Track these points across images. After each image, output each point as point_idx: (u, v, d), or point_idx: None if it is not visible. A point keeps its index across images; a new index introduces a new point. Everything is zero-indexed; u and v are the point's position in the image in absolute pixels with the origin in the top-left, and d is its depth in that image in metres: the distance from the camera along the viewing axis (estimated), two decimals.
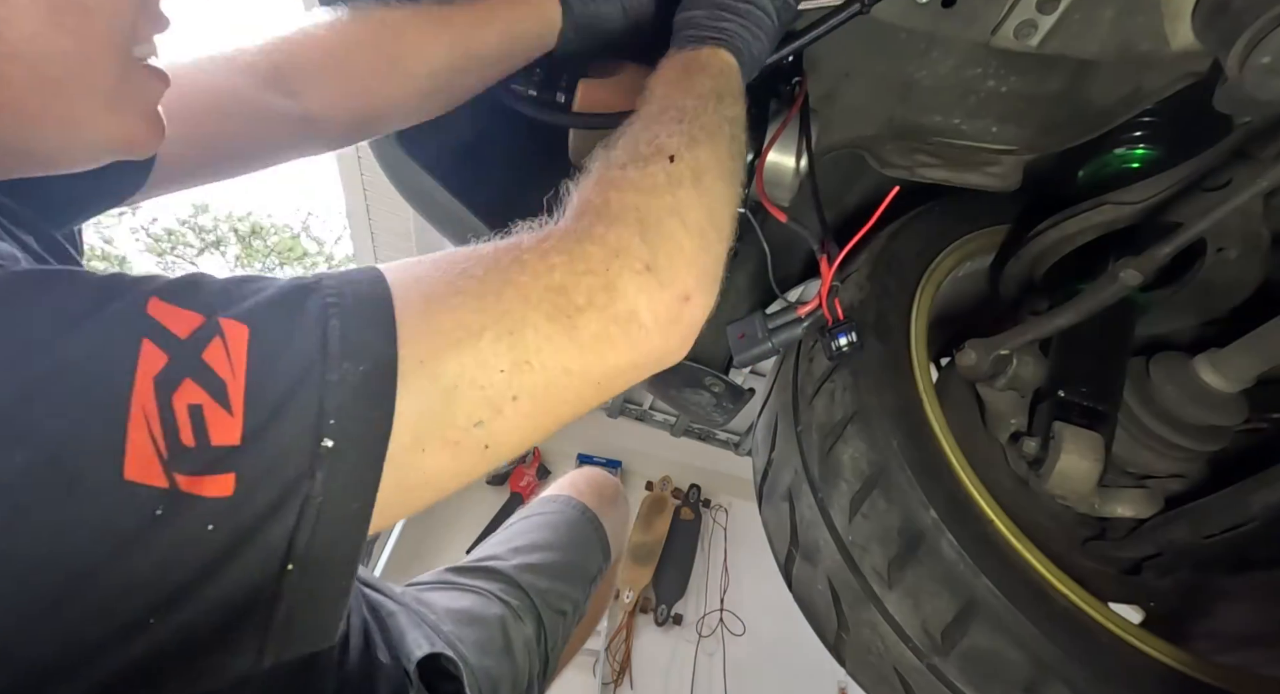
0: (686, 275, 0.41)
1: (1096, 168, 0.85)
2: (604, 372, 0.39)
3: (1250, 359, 0.73)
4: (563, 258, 0.38)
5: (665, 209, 0.42)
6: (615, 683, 2.95)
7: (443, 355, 0.33)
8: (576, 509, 1.13)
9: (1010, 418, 0.82)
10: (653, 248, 0.40)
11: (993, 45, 0.68)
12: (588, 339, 0.37)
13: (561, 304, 0.37)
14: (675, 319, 0.41)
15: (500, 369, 0.35)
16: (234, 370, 0.29)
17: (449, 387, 0.33)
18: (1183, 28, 0.63)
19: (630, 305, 0.39)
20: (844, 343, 0.71)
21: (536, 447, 3.39)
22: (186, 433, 0.28)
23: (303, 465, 0.29)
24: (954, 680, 0.66)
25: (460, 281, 0.36)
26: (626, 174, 0.43)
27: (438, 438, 0.33)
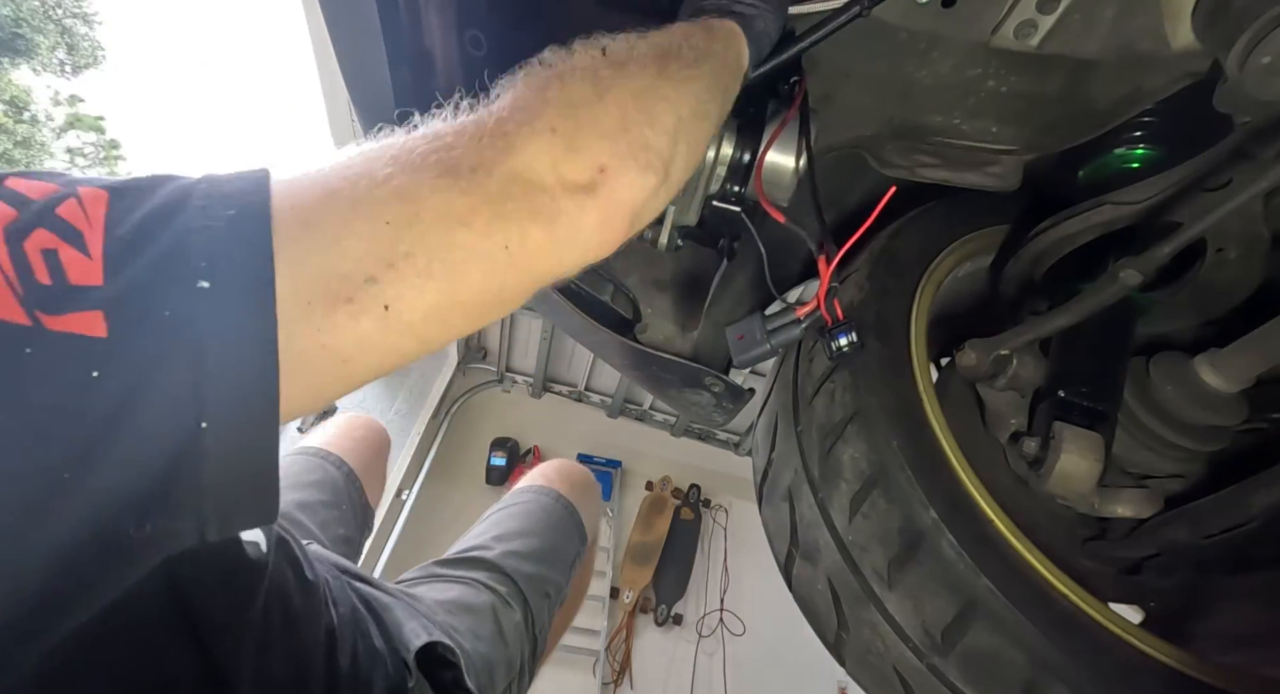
0: (600, 145, 0.38)
1: (1096, 168, 0.85)
2: (509, 237, 0.35)
3: (1250, 359, 0.73)
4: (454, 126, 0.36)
5: (583, 82, 0.39)
6: (615, 683, 2.95)
7: (320, 203, 0.31)
8: (550, 496, 1.16)
9: (1010, 418, 0.82)
10: (559, 111, 0.37)
11: (993, 45, 0.68)
12: (484, 195, 0.34)
13: (451, 162, 0.34)
14: (589, 188, 0.37)
15: (385, 220, 0.32)
16: (90, 222, 0.28)
17: (328, 234, 0.31)
18: (1183, 28, 0.63)
19: (528, 160, 0.36)
20: (844, 343, 0.71)
21: (536, 446, 3.39)
22: (41, 273, 0.26)
23: (179, 307, 0.27)
24: (954, 680, 0.66)
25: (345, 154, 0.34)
26: (547, 59, 0.41)
27: (324, 291, 0.30)
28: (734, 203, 0.73)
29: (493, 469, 3.24)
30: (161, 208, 0.29)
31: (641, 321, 0.97)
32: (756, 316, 0.73)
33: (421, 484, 3.05)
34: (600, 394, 3.54)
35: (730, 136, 0.70)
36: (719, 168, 0.71)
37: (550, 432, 3.45)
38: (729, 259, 0.78)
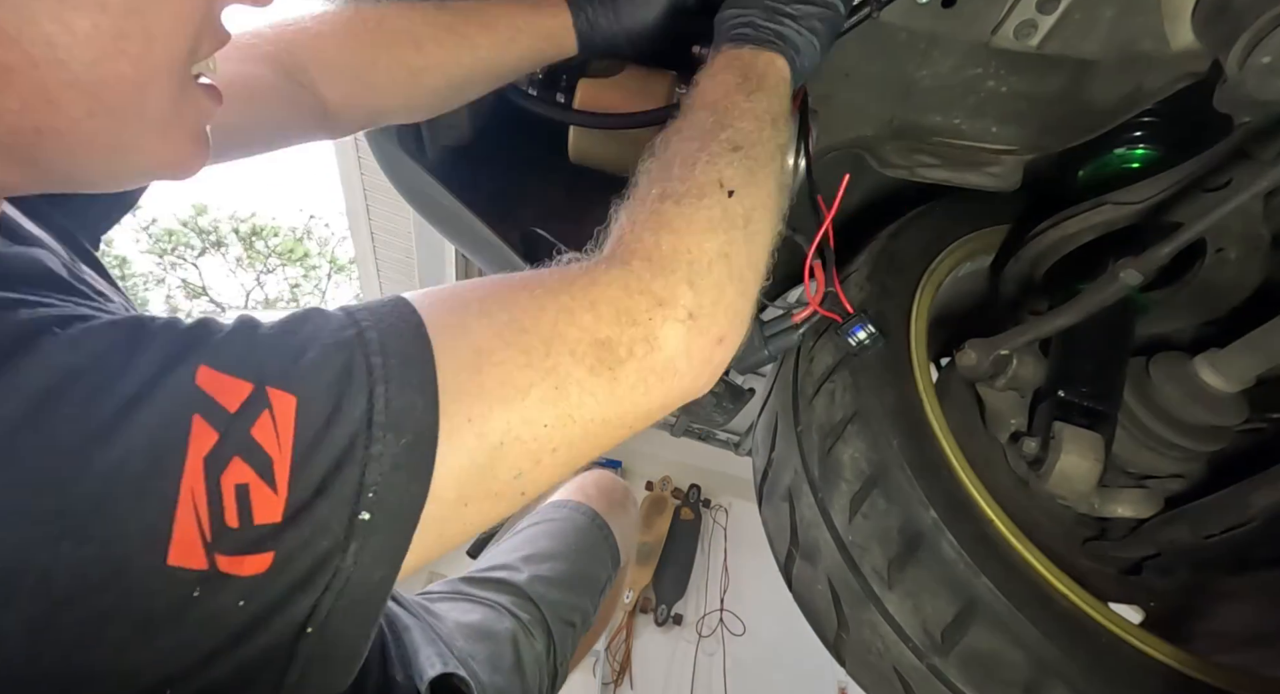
0: (724, 320, 0.41)
1: (1096, 168, 0.85)
2: (636, 416, 0.40)
3: (1250, 359, 0.73)
4: (609, 309, 0.38)
5: (715, 252, 0.41)
6: (615, 683, 2.95)
7: (490, 414, 0.34)
8: (586, 515, 1.12)
9: (1010, 418, 0.82)
10: (698, 295, 0.40)
11: (993, 45, 0.68)
12: (625, 389, 0.38)
13: (605, 358, 0.37)
14: (708, 361, 0.41)
15: (544, 424, 0.35)
16: (280, 447, 0.29)
17: (495, 444, 0.34)
18: (1183, 28, 0.63)
19: (669, 354, 0.39)
20: (863, 337, 0.70)
21: None
22: (231, 514, 0.28)
23: (338, 539, 0.30)
24: (954, 680, 0.66)
25: (508, 334, 0.35)
26: (681, 211, 0.42)
27: (482, 492, 0.34)
28: None
29: None
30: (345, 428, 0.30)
31: None
32: (754, 322, 0.73)
33: None
34: None
35: None
36: None
37: None
38: None
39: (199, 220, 8.89)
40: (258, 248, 9.13)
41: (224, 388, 0.29)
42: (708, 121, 0.47)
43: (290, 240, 9.24)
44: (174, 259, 8.82)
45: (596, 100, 0.72)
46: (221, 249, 9.04)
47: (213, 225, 8.97)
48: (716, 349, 0.42)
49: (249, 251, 9.07)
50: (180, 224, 8.85)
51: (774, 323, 0.73)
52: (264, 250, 9.13)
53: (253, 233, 9.12)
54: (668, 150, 0.47)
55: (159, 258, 8.72)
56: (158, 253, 8.69)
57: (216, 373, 0.29)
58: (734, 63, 0.52)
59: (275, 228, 9.22)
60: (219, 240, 9.03)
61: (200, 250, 8.93)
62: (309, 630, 0.30)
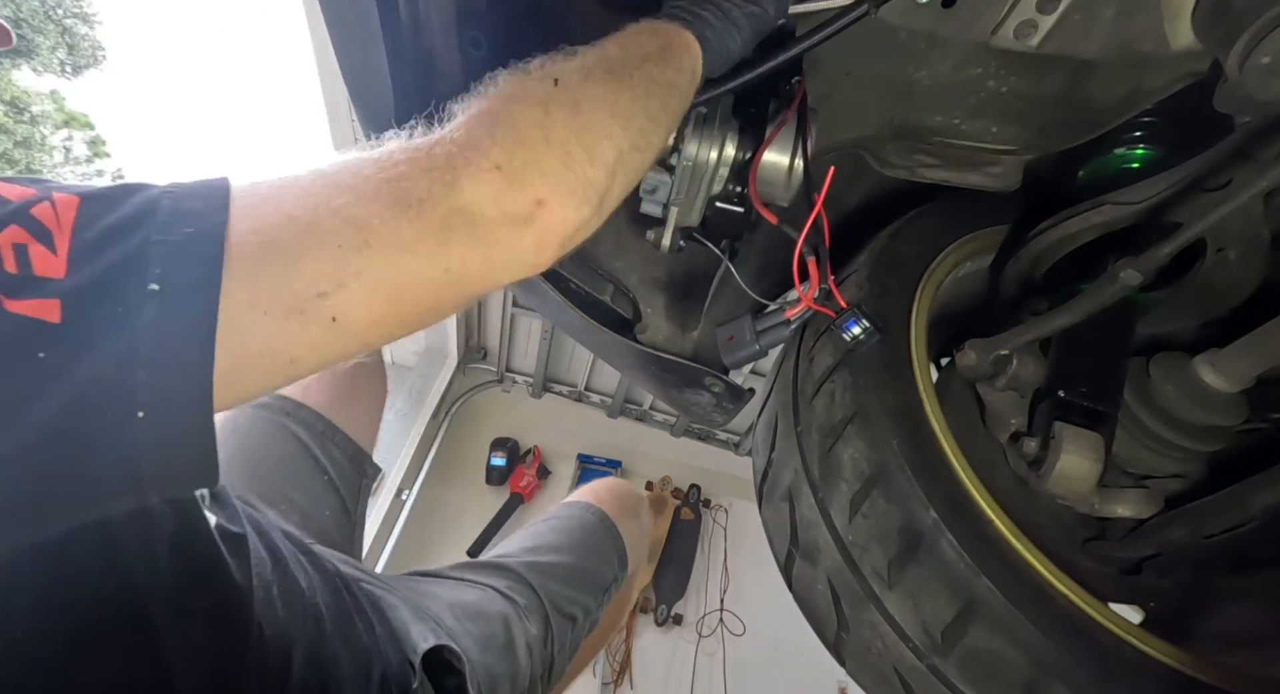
0: (540, 181, 0.41)
1: (1096, 168, 0.85)
2: (450, 260, 0.39)
3: (1250, 359, 0.73)
4: (408, 154, 0.39)
5: (529, 121, 0.42)
6: (615, 683, 2.95)
7: (279, 227, 0.35)
8: (594, 515, 1.12)
9: (1010, 418, 0.82)
10: (505, 150, 0.41)
11: (993, 45, 0.68)
12: (428, 226, 0.38)
13: (399, 193, 0.38)
14: (526, 219, 0.41)
15: (338, 244, 0.36)
16: (60, 224, 0.31)
17: (285, 254, 0.34)
18: (1183, 28, 0.63)
19: (471, 197, 0.39)
20: (858, 332, 0.70)
21: (536, 446, 3.39)
22: (10, 262, 0.29)
23: (129, 304, 0.30)
24: (954, 680, 0.66)
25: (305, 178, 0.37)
26: (502, 88, 0.44)
27: (278, 303, 0.34)
28: (736, 203, 0.73)
29: (493, 469, 3.23)
30: (127, 218, 0.32)
31: (641, 322, 0.97)
32: (747, 317, 0.73)
33: (421, 484, 3.05)
34: (600, 394, 3.54)
35: (733, 137, 0.70)
36: (721, 168, 0.71)
37: (550, 432, 3.45)
38: (731, 259, 0.78)
39: None
40: None
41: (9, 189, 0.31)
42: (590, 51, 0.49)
43: None
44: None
45: None
46: None
47: None
48: (537, 210, 0.41)
49: None
50: None
51: (766, 317, 0.73)
52: None
53: None
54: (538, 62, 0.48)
55: None
56: None
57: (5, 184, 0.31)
58: (647, 26, 0.55)
59: None
60: None
61: None
62: (140, 414, 0.30)
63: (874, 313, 0.70)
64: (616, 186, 0.47)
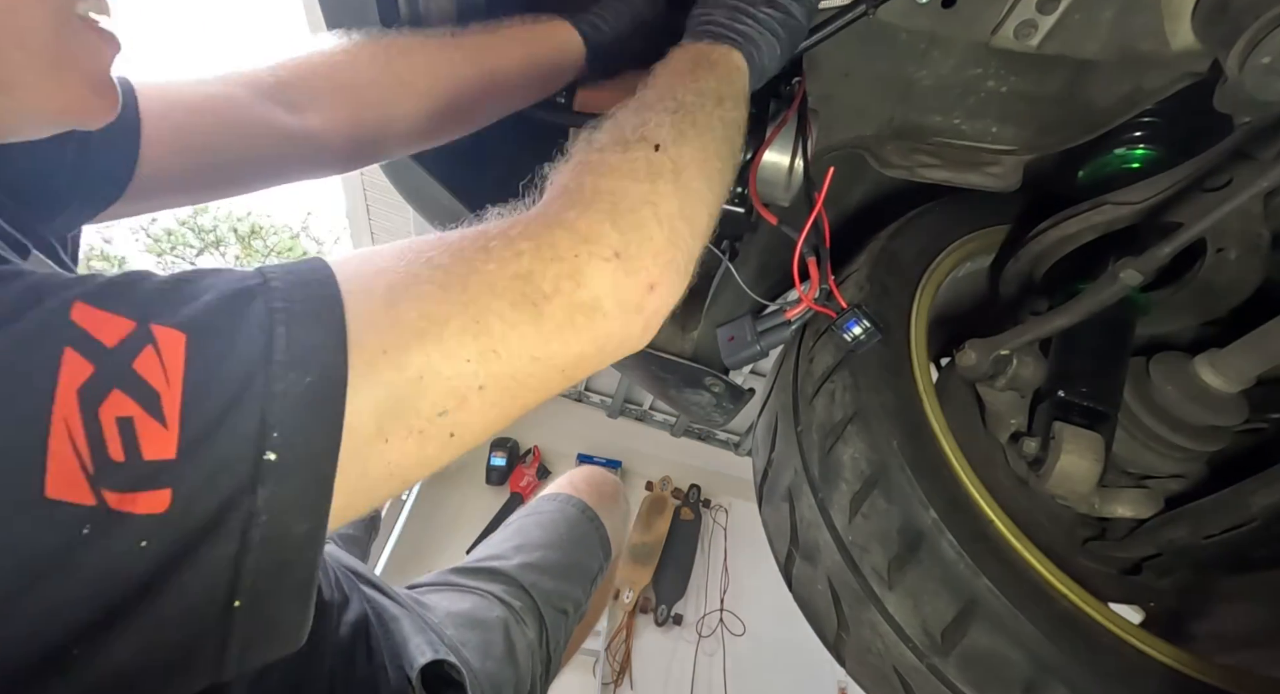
0: (653, 265, 0.41)
1: (1096, 168, 0.85)
2: (568, 359, 0.38)
3: (1250, 359, 0.73)
4: (530, 244, 0.37)
5: (640, 197, 0.41)
6: (615, 683, 2.95)
7: (408, 345, 0.32)
8: (576, 507, 1.13)
9: (1010, 418, 0.82)
10: (623, 235, 0.39)
11: (993, 45, 0.68)
12: (553, 327, 0.37)
13: (527, 292, 0.36)
14: (639, 307, 0.40)
15: (466, 359, 0.34)
16: (169, 380, 0.27)
17: (414, 377, 0.32)
18: (1183, 28, 0.63)
19: (595, 293, 0.38)
20: (858, 332, 0.70)
21: (536, 446, 3.39)
22: (115, 447, 0.25)
23: (243, 480, 0.27)
24: (954, 680, 0.66)
25: (424, 270, 0.34)
26: (605, 158, 0.43)
27: (402, 428, 0.32)
28: (736, 204, 0.73)
29: (493, 469, 3.24)
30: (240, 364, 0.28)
31: None
32: (747, 318, 0.73)
33: (421, 484, 3.05)
34: (600, 394, 3.55)
35: None
36: None
37: (550, 432, 3.45)
38: (731, 259, 0.78)
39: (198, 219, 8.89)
40: (255, 247, 9.13)
41: (102, 323, 0.27)
42: (651, 96, 0.48)
43: (288, 239, 9.24)
44: (173, 258, 8.81)
45: (596, 102, 0.72)
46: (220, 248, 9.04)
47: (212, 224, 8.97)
48: (648, 296, 0.40)
49: (247, 251, 9.07)
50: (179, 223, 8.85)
51: (767, 318, 0.73)
52: (262, 250, 9.13)
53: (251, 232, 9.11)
54: (609, 119, 0.47)
55: (157, 257, 8.71)
56: (156, 252, 8.69)
57: (94, 309, 0.27)
58: (687, 52, 0.53)
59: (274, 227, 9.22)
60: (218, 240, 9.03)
61: (199, 250, 8.93)
62: (237, 603, 0.28)
63: (875, 313, 0.70)
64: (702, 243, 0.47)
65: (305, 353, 0.30)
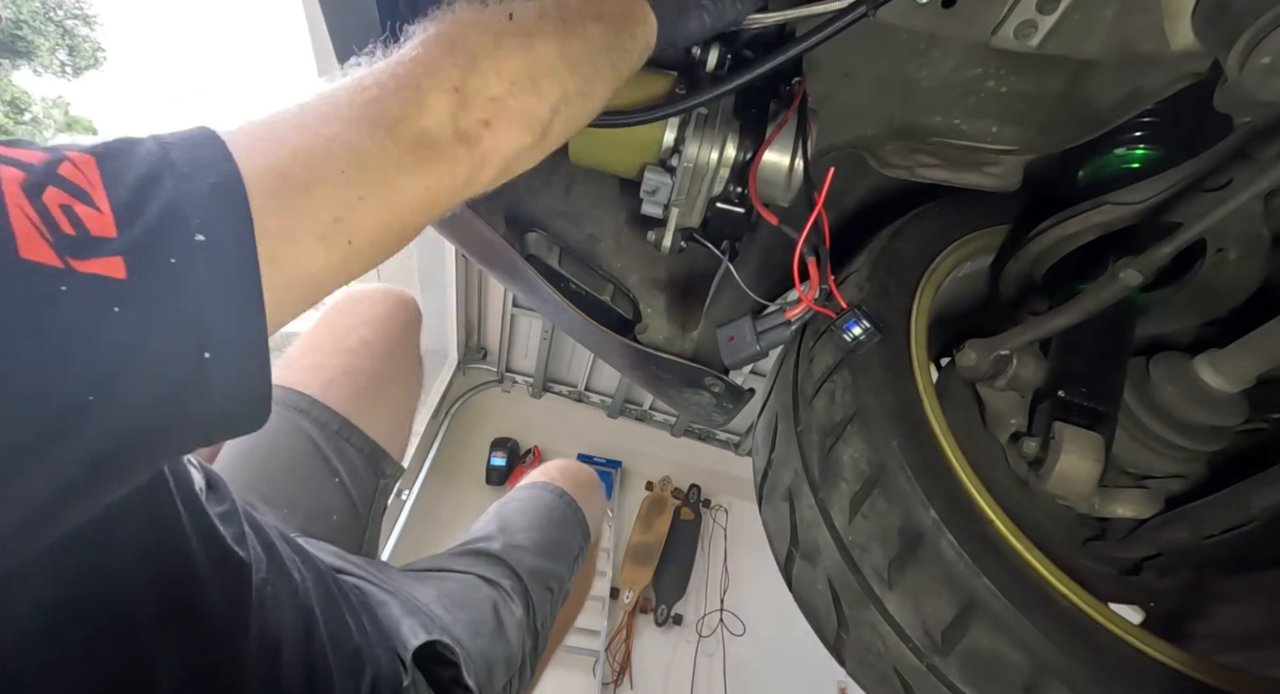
0: (489, 106, 0.46)
1: (1096, 168, 0.85)
2: (427, 180, 0.43)
3: (1250, 359, 0.73)
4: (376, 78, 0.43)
5: (484, 49, 0.46)
6: (615, 683, 2.95)
7: (289, 162, 0.37)
8: (554, 492, 1.17)
9: (1010, 418, 0.82)
10: (462, 73, 0.45)
11: (993, 46, 0.68)
12: (405, 145, 0.42)
13: (378, 116, 0.41)
14: (473, 139, 0.45)
15: (341, 170, 0.39)
16: (91, 183, 0.31)
17: (302, 186, 0.37)
18: (1183, 28, 0.63)
19: (435, 116, 0.43)
20: (858, 332, 0.70)
21: (536, 446, 3.39)
22: (65, 224, 0.30)
23: (182, 256, 0.32)
24: (954, 680, 0.66)
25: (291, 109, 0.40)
26: (460, 14, 0.48)
27: (304, 231, 0.37)
28: (737, 204, 0.73)
29: (493, 469, 3.24)
30: (147, 173, 0.33)
31: (641, 322, 0.97)
32: (747, 318, 0.73)
33: (421, 484, 3.05)
34: (600, 394, 3.55)
35: (733, 138, 0.70)
36: (722, 169, 0.71)
37: (550, 432, 3.45)
38: (731, 259, 0.79)
39: None
40: None
41: (22, 153, 0.31)
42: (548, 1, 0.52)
43: None
44: None
45: None
46: None
47: None
48: (483, 132, 0.45)
49: None
50: None
51: (767, 318, 0.73)
52: None
53: None
54: None
55: None
56: None
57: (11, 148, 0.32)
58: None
59: None
60: None
61: None
62: (207, 355, 0.32)
63: (874, 313, 0.70)
64: (559, 124, 0.51)
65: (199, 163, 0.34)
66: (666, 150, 0.73)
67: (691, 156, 0.70)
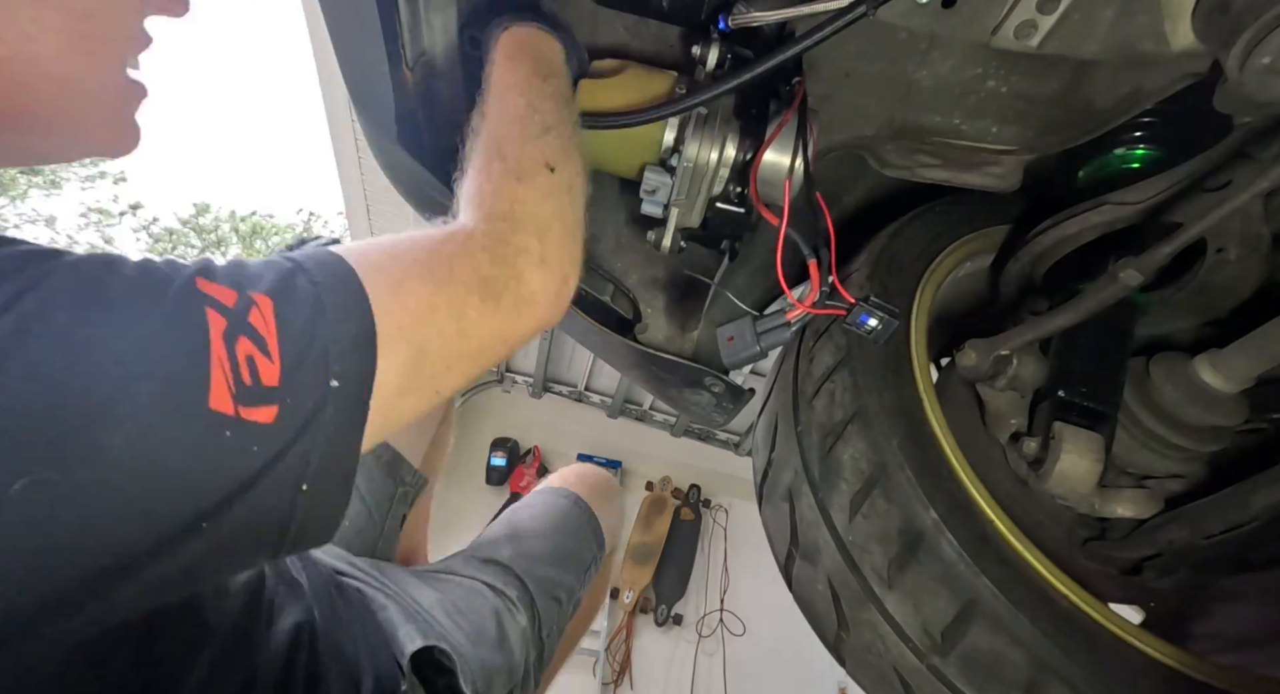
0: (566, 263, 0.56)
1: (1096, 168, 0.85)
2: (513, 336, 0.52)
3: (1250, 359, 0.73)
4: (487, 255, 0.51)
5: (551, 215, 0.56)
6: (615, 683, 2.95)
7: (414, 325, 0.45)
8: (569, 499, 1.14)
9: (1010, 418, 0.82)
10: (544, 246, 0.54)
11: (993, 46, 0.68)
12: (505, 314, 0.51)
13: (489, 289, 0.50)
14: (560, 295, 0.55)
15: (451, 336, 0.47)
16: (269, 331, 0.38)
17: (419, 348, 0.45)
18: (1183, 28, 0.63)
19: (533, 288, 0.53)
20: (874, 323, 0.69)
21: (536, 446, 3.39)
22: (245, 375, 0.36)
23: (318, 401, 0.39)
24: (954, 680, 0.66)
25: (416, 269, 0.47)
26: (523, 185, 0.56)
27: (413, 387, 0.45)
28: (736, 204, 0.73)
29: (493, 469, 3.24)
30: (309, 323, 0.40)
31: (642, 322, 0.97)
32: (748, 318, 0.72)
33: None
34: (600, 394, 3.55)
35: (733, 138, 0.70)
36: (722, 169, 0.71)
37: (550, 432, 3.46)
38: (731, 259, 0.78)
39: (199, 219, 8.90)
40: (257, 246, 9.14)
41: (219, 292, 0.38)
42: (516, 103, 0.61)
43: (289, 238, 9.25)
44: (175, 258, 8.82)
45: (596, 100, 0.72)
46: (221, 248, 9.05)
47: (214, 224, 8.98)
48: (564, 286, 0.56)
49: (248, 250, 9.08)
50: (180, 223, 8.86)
51: (767, 319, 0.73)
52: (264, 249, 9.14)
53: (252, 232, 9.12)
54: (494, 130, 0.59)
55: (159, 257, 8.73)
56: (158, 252, 8.70)
57: (208, 281, 0.38)
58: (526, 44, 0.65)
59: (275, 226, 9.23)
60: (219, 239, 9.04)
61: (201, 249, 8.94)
62: (304, 487, 0.38)
63: (885, 302, 0.69)
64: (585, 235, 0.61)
65: (346, 312, 0.41)
66: (666, 150, 0.73)
67: (691, 156, 0.70)
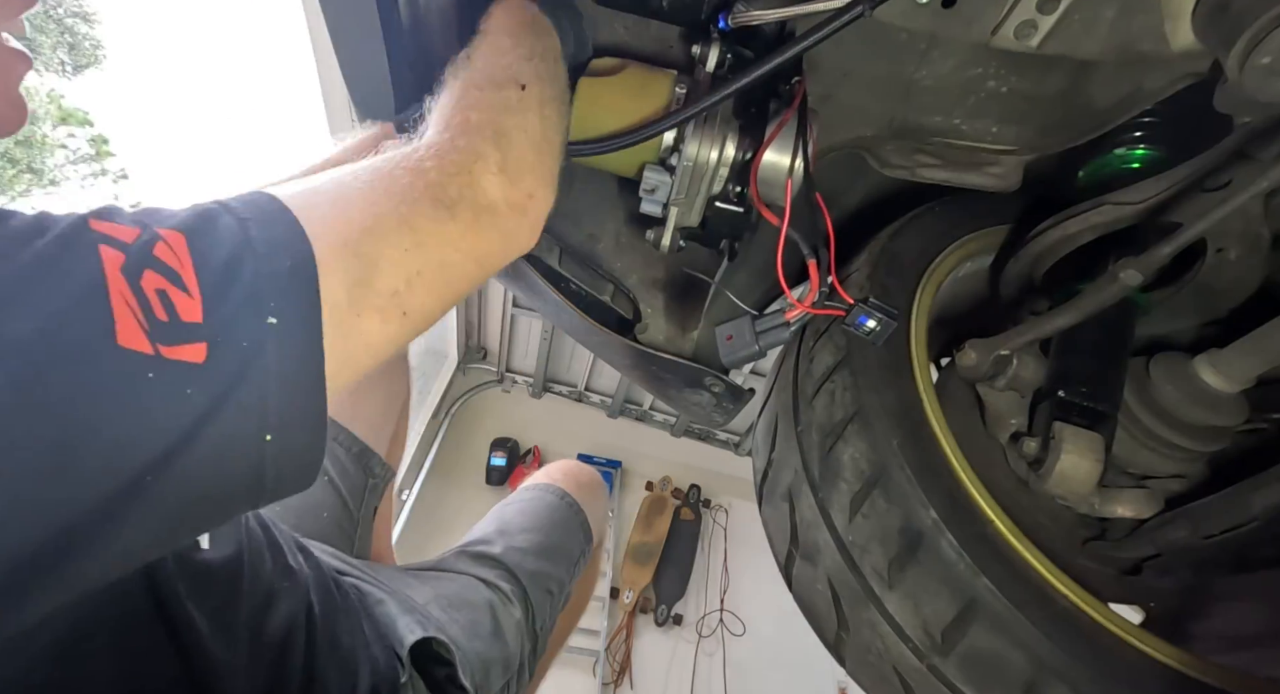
0: (529, 177, 0.52)
1: (1096, 168, 0.85)
2: (480, 251, 0.48)
3: (1250, 359, 0.73)
4: (434, 162, 0.47)
5: (514, 126, 0.52)
6: (615, 683, 2.95)
7: (360, 238, 0.41)
8: (555, 494, 1.17)
9: (1010, 418, 0.82)
10: (503, 154, 0.50)
11: (993, 46, 0.68)
12: (464, 223, 0.46)
13: (440, 197, 0.45)
14: (524, 210, 0.51)
15: (404, 248, 0.42)
16: (182, 264, 0.34)
17: (370, 262, 0.40)
18: (1183, 28, 0.63)
19: (491, 198, 0.49)
20: (873, 324, 0.69)
21: (536, 446, 3.39)
22: (159, 310, 0.32)
23: (255, 338, 0.35)
24: (954, 680, 0.66)
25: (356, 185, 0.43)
26: (484, 96, 0.53)
27: (367, 304, 0.40)
28: (736, 203, 0.73)
29: (493, 469, 3.24)
30: (231, 254, 0.36)
31: (641, 322, 0.97)
32: (747, 318, 0.72)
33: (421, 484, 3.05)
34: (600, 394, 3.55)
35: (733, 137, 0.70)
36: (721, 169, 0.71)
37: (550, 432, 3.45)
38: (730, 259, 0.78)
39: None
40: None
41: (116, 230, 0.34)
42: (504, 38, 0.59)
43: None
44: None
45: (597, 99, 0.72)
46: None
47: None
48: (529, 202, 0.51)
49: None
50: None
51: (766, 319, 0.73)
52: None
53: None
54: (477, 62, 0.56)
55: None
56: None
57: (104, 221, 0.34)
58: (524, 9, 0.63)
59: None
60: None
61: None
62: (268, 436, 0.35)
63: (884, 302, 0.69)
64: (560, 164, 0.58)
65: (277, 244, 0.37)
66: (666, 149, 0.73)
67: (691, 155, 0.70)
